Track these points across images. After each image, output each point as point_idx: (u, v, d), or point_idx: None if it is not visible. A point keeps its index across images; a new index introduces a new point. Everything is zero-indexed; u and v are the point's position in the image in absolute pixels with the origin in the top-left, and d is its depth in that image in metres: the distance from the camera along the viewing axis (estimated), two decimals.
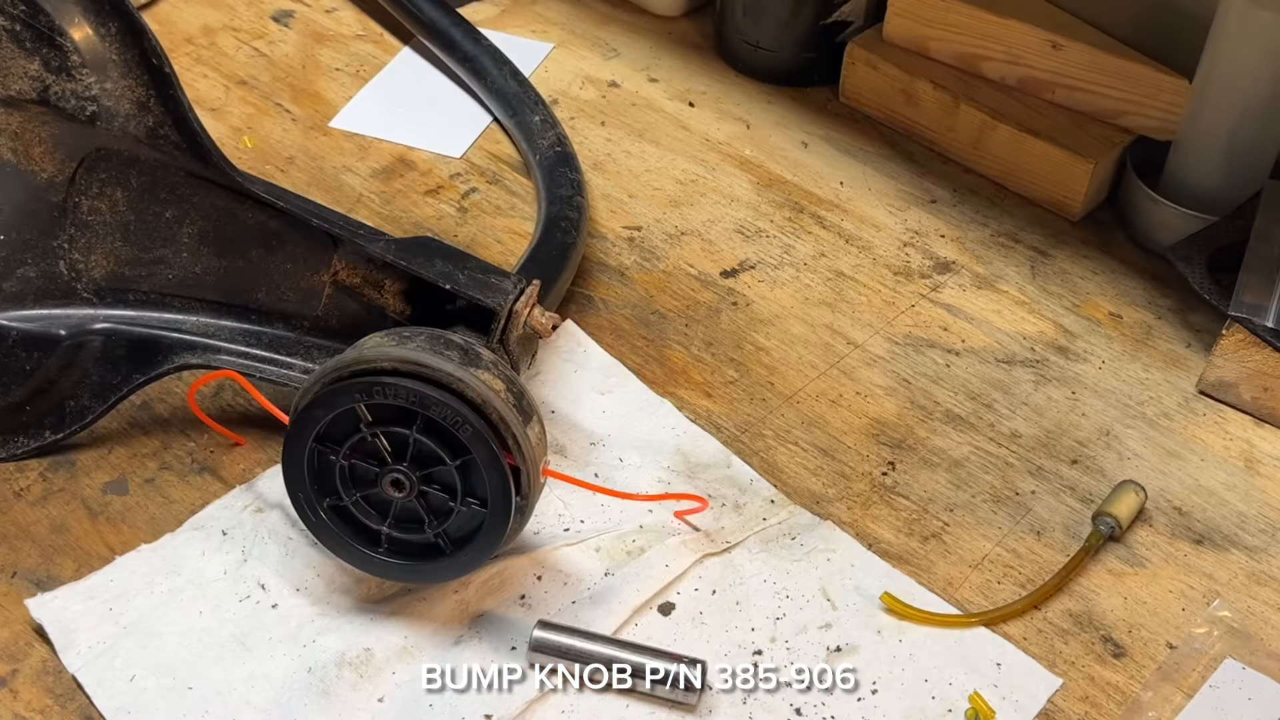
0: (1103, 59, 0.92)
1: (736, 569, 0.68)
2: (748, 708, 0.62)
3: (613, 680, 0.62)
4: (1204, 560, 0.71)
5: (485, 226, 0.90)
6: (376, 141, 0.97)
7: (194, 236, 0.69)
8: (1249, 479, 0.75)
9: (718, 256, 0.89)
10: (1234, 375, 0.78)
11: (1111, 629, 0.67)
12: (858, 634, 0.65)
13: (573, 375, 0.79)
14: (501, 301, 0.65)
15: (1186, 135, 0.89)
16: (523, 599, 0.66)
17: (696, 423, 0.76)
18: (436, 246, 0.68)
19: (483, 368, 0.59)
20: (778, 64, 1.05)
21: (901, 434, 0.77)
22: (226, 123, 0.98)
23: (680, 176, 0.96)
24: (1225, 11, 0.83)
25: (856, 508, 0.72)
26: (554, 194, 0.87)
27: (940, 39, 0.99)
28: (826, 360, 0.82)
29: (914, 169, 0.98)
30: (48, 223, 0.66)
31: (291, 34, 1.08)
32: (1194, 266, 0.81)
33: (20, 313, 0.67)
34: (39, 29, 0.62)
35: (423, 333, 0.60)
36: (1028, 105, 0.96)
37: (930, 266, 0.89)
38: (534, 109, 0.96)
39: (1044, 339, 0.84)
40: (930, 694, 0.63)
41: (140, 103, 0.64)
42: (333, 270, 0.69)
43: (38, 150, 0.65)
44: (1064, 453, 0.76)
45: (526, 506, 0.61)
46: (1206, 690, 0.64)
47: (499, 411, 0.58)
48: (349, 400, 0.58)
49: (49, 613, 0.63)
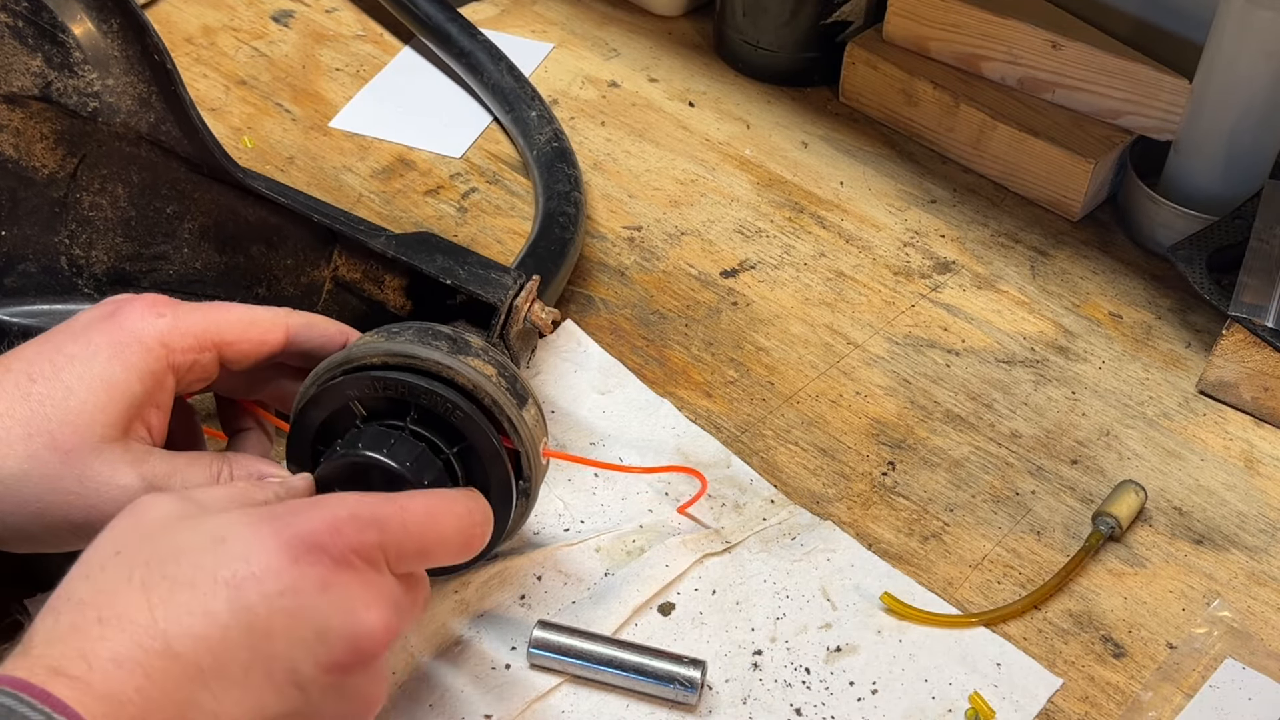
0: (1103, 59, 0.92)
1: (736, 569, 0.68)
2: (748, 708, 0.62)
3: (613, 680, 0.62)
4: (1204, 560, 0.71)
5: (485, 226, 0.90)
6: (376, 141, 0.97)
7: (195, 232, 0.69)
8: (1249, 479, 0.75)
9: (718, 256, 0.89)
10: (1234, 375, 0.78)
11: (1111, 629, 0.67)
12: (858, 634, 0.65)
13: (573, 375, 0.79)
14: (502, 297, 0.65)
15: (1186, 135, 0.89)
16: (523, 599, 0.66)
17: (696, 423, 0.76)
18: (437, 242, 0.68)
19: (472, 354, 0.59)
20: (778, 64, 1.05)
21: (901, 434, 0.77)
22: (226, 123, 0.98)
23: (680, 176, 0.96)
24: (1225, 11, 0.83)
25: (856, 508, 0.72)
26: (551, 189, 0.87)
27: (940, 39, 0.99)
28: (826, 360, 0.82)
29: (914, 169, 0.98)
30: (49, 218, 0.66)
31: (291, 34, 1.08)
32: (1194, 266, 0.81)
33: (21, 308, 0.67)
34: (41, 25, 0.62)
35: (411, 326, 0.60)
36: (1028, 105, 0.96)
37: (930, 266, 0.89)
38: (530, 104, 0.96)
39: (1044, 339, 0.84)
40: (930, 694, 0.63)
41: (142, 99, 0.64)
42: (333, 266, 0.69)
43: (39, 146, 0.64)
44: (1064, 453, 0.76)
45: (530, 490, 0.61)
46: (1206, 690, 0.64)
47: (491, 395, 0.58)
48: (342, 398, 0.58)
49: None
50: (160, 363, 0.55)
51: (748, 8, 1.04)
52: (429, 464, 0.56)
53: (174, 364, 0.56)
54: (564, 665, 0.62)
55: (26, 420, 0.52)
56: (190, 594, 0.44)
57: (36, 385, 0.53)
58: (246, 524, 0.47)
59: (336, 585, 0.47)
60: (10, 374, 0.53)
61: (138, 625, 0.43)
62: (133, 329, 0.55)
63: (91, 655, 0.42)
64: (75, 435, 0.52)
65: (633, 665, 0.61)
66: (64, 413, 0.52)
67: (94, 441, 0.52)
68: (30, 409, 0.52)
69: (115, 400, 0.53)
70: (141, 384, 0.54)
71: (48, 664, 0.42)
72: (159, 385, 0.55)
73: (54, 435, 0.52)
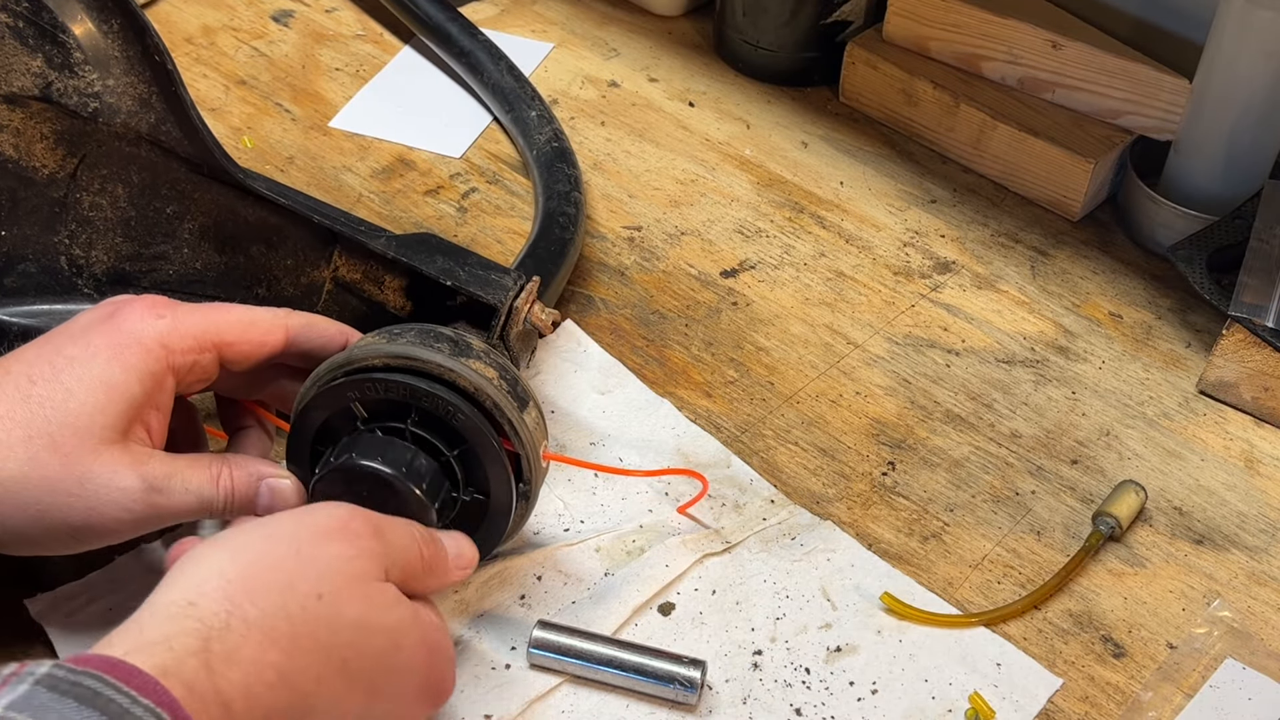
0: (1103, 59, 0.92)
1: (736, 569, 0.68)
2: (748, 708, 0.62)
3: (613, 680, 0.62)
4: (1204, 560, 0.71)
5: (485, 226, 0.90)
6: (376, 141, 0.97)
7: (195, 232, 0.69)
8: (1249, 479, 0.75)
9: (718, 256, 0.89)
10: (1234, 375, 0.78)
11: (1111, 629, 0.67)
12: (858, 634, 0.65)
13: (573, 375, 0.79)
14: (502, 298, 0.65)
15: (1186, 135, 0.89)
16: (523, 599, 0.66)
17: (696, 423, 0.76)
18: (437, 243, 0.68)
19: (474, 357, 0.59)
20: (778, 64, 1.05)
21: (901, 434, 0.77)
22: (226, 122, 0.98)
23: (680, 176, 0.96)
24: (1225, 11, 0.83)
25: (856, 508, 0.72)
26: (551, 189, 0.87)
27: (940, 39, 0.99)
28: (826, 360, 0.82)
29: (914, 169, 0.98)
30: (49, 218, 0.66)
31: (291, 34, 1.08)
32: (1194, 266, 0.81)
33: (21, 308, 0.67)
34: (42, 26, 0.62)
35: (413, 328, 0.60)
36: (1028, 105, 0.96)
37: (930, 266, 0.89)
38: (530, 104, 0.95)
39: (1044, 339, 0.84)
40: (930, 694, 0.63)
41: (142, 99, 0.64)
42: (333, 266, 0.69)
43: (39, 146, 0.64)
44: (1064, 453, 0.76)
45: (530, 492, 0.61)
46: (1206, 690, 0.64)
47: (492, 398, 0.58)
48: (343, 399, 0.58)
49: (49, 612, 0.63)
50: (160, 364, 0.55)
51: (748, 8, 1.04)
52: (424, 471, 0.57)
53: (174, 365, 0.56)
54: (564, 665, 0.62)
55: (26, 422, 0.52)
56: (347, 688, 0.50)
57: (36, 387, 0.53)
58: (418, 646, 0.53)
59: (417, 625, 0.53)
60: (10, 376, 0.53)
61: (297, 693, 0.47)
62: (132, 330, 0.55)
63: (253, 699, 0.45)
64: (75, 437, 0.52)
65: (633, 665, 0.61)
66: (64, 415, 0.52)
67: (93, 443, 0.52)
68: (30, 411, 0.52)
69: (115, 401, 0.53)
70: (141, 385, 0.54)
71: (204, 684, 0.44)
72: (159, 386, 0.55)
73: (54, 437, 0.52)
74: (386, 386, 0.57)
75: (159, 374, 0.55)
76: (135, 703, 0.40)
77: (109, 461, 0.53)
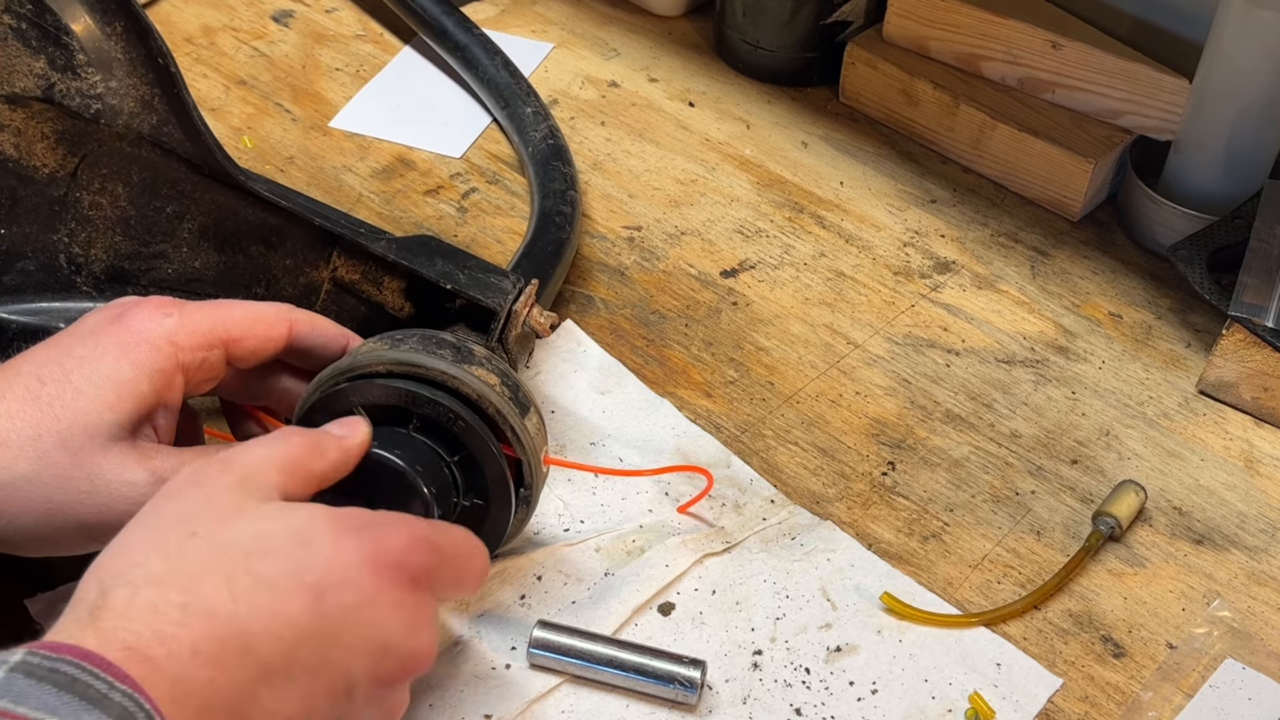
0: (1103, 59, 0.92)
1: (736, 569, 0.68)
2: (748, 708, 0.62)
3: (613, 680, 0.62)
4: (1204, 560, 0.71)
5: (485, 226, 0.90)
6: (376, 141, 0.97)
7: (194, 232, 0.69)
8: (1249, 479, 0.75)
9: (718, 256, 0.89)
10: (1234, 375, 0.78)
11: (1111, 629, 0.67)
12: (858, 634, 0.65)
13: (572, 375, 0.79)
14: (501, 301, 0.65)
15: (1186, 135, 0.89)
16: (523, 599, 0.66)
17: (696, 423, 0.76)
18: (437, 245, 0.68)
19: (476, 364, 0.59)
20: (778, 64, 1.05)
21: (901, 434, 0.77)
22: (226, 123, 0.98)
23: (680, 176, 0.96)
24: (1225, 11, 0.83)
25: (856, 508, 0.72)
26: (547, 188, 0.87)
27: (940, 39, 0.99)
28: (826, 360, 0.82)
29: (914, 169, 0.98)
30: (48, 217, 0.66)
31: (291, 34, 1.08)
32: (1194, 266, 0.81)
33: (20, 306, 0.67)
34: (45, 27, 0.62)
35: (415, 334, 0.60)
36: (1028, 105, 0.96)
37: (930, 266, 0.89)
38: (525, 100, 0.95)
39: (1044, 339, 0.84)
40: (930, 694, 0.63)
41: (144, 101, 0.64)
42: (332, 267, 0.69)
43: (40, 146, 0.65)
44: (1064, 453, 0.76)
45: (530, 497, 0.61)
46: (1206, 690, 0.64)
47: (495, 405, 0.58)
48: (345, 405, 0.58)
49: (49, 612, 0.63)
50: (169, 361, 0.55)
51: (748, 8, 1.04)
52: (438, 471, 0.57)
53: (182, 362, 0.56)
54: (564, 665, 0.62)
55: (36, 422, 0.52)
56: (272, 594, 0.45)
57: (46, 388, 0.53)
58: (331, 530, 0.47)
59: (406, 604, 0.48)
60: (20, 377, 0.53)
61: (219, 618, 0.44)
62: (140, 329, 0.55)
63: (172, 641, 0.42)
64: (84, 434, 0.52)
65: (633, 665, 0.61)
66: (73, 413, 0.52)
67: (103, 440, 0.53)
68: (40, 411, 0.52)
69: (124, 399, 0.53)
70: (150, 383, 0.54)
71: (123, 640, 0.42)
72: (168, 384, 0.55)
73: (63, 435, 0.52)
74: (389, 392, 0.57)
75: (168, 371, 0.55)
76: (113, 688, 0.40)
77: (117, 457, 0.53)
